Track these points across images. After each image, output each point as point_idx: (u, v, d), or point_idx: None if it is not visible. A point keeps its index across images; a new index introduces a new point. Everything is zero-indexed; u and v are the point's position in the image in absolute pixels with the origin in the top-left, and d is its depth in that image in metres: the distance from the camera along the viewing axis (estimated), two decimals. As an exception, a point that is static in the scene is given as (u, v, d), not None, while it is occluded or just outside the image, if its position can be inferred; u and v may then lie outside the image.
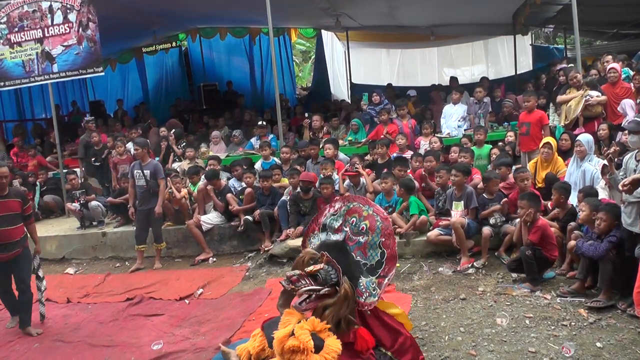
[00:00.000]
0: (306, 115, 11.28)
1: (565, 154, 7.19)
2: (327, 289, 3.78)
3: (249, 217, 7.81)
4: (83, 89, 17.10)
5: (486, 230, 6.19)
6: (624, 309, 4.60)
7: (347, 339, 3.76)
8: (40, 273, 6.12)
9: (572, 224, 5.58)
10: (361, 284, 3.81)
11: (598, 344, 4.12)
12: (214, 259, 7.93)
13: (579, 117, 8.10)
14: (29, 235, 5.90)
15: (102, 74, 9.91)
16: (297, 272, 3.85)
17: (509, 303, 5.04)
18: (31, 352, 5.24)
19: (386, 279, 3.83)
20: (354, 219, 4.09)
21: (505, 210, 6.41)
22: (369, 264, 3.89)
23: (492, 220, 6.38)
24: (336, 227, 4.15)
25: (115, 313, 6.27)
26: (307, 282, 3.78)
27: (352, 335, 3.76)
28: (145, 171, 7.69)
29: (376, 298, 3.74)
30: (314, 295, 3.76)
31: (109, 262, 8.48)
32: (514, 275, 5.65)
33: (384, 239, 3.91)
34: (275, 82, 9.63)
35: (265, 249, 7.53)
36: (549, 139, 7.20)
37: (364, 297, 3.78)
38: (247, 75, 17.12)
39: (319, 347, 3.59)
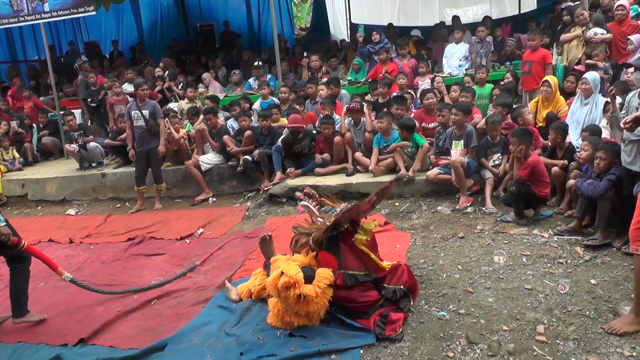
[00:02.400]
0: (305, 55, 11.10)
1: (570, 95, 7.08)
2: (319, 218, 4.26)
3: (248, 157, 7.79)
4: (77, 30, 16.75)
5: (490, 178, 6.18)
6: (619, 247, 4.64)
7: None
8: None
9: (573, 163, 5.56)
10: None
11: (592, 281, 4.18)
12: (214, 199, 7.98)
13: (582, 57, 7.97)
14: None
15: (94, 13, 9.66)
16: (315, 193, 4.60)
17: (506, 241, 5.08)
18: (36, 292, 5.30)
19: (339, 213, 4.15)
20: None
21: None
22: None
23: (491, 162, 6.38)
24: None
25: (117, 253, 6.33)
26: (313, 203, 4.49)
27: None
28: (143, 111, 7.59)
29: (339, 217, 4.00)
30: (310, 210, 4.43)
31: (110, 202, 8.55)
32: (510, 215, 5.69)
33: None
34: (274, 22, 9.43)
35: (265, 188, 7.55)
36: (548, 77, 7.10)
37: None
38: (244, 15, 16.76)
39: (310, 277, 3.72)
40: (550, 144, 6.06)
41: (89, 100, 10.17)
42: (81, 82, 10.55)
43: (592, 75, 6.42)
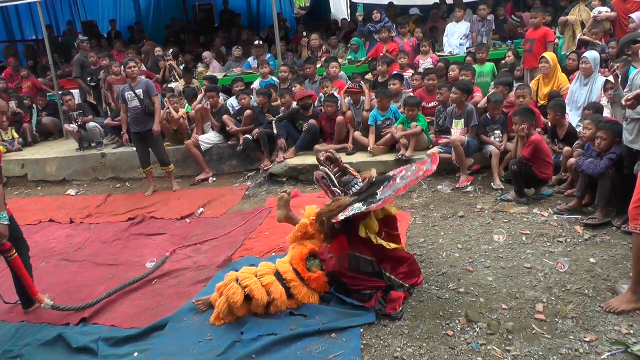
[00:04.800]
0: (304, 34, 11.01)
1: (572, 73, 7.02)
2: (338, 190, 4.04)
3: (249, 137, 7.75)
4: (74, 9, 16.58)
5: (495, 150, 6.15)
6: (619, 226, 4.65)
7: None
8: None
9: (579, 142, 5.54)
10: (353, 206, 3.80)
11: (592, 260, 4.19)
12: (214, 179, 7.98)
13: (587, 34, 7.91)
14: None
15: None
16: (339, 157, 4.16)
17: (506, 220, 5.09)
18: (39, 271, 5.33)
19: (366, 209, 3.75)
20: (415, 168, 4.08)
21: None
22: (378, 198, 3.82)
23: (492, 139, 6.35)
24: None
25: (117, 233, 6.36)
26: (335, 170, 4.10)
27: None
28: (137, 91, 7.34)
29: (342, 217, 3.71)
30: (328, 184, 4.10)
31: (110, 183, 8.53)
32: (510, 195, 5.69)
33: (402, 186, 3.85)
34: (273, 1, 9.34)
35: (265, 168, 7.54)
36: (546, 54, 7.04)
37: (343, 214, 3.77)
38: (243, -6, 16.59)
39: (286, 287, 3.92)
40: (550, 123, 6.04)
41: (89, 79, 10.10)
42: (77, 61, 10.41)
43: (591, 55, 6.35)
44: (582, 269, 4.08)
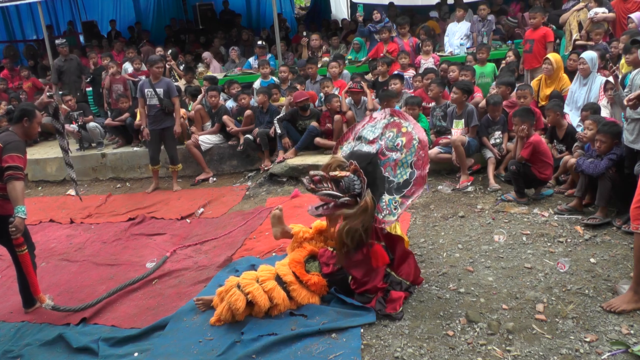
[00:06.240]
0: (304, 34, 11.01)
1: (574, 74, 7.01)
2: (347, 197, 3.68)
3: (250, 136, 7.74)
4: (74, 9, 16.59)
5: (492, 158, 6.16)
6: (619, 226, 4.64)
7: (358, 257, 3.79)
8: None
9: (577, 144, 5.54)
10: (383, 200, 3.70)
11: (592, 260, 4.19)
12: (214, 179, 7.98)
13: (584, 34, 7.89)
14: None
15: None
16: (321, 173, 3.74)
17: (506, 220, 5.08)
18: (39, 271, 5.29)
19: (410, 199, 3.67)
20: (391, 133, 3.84)
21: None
22: (396, 182, 3.69)
23: (492, 140, 6.36)
24: (371, 139, 3.92)
25: (118, 233, 6.36)
26: (329, 186, 3.68)
27: (365, 251, 3.79)
28: (157, 90, 7.30)
29: (395, 217, 3.60)
30: (332, 203, 3.70)
31: (110, 183, 8.53)
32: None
33: (416, 159, 3.70)
34: (273, 1, 9.34)
35: (265, 168, 7.54)
36: (550, 54, 7.03)
37: (383, 214, 3.67)
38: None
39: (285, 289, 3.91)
40: (549, 124, 6.03)
41: (87, 80, 10.07)
42: (53, 66, 10.10)
43: (589, 55, 6.32)
44: (583, 269, 4.08)
